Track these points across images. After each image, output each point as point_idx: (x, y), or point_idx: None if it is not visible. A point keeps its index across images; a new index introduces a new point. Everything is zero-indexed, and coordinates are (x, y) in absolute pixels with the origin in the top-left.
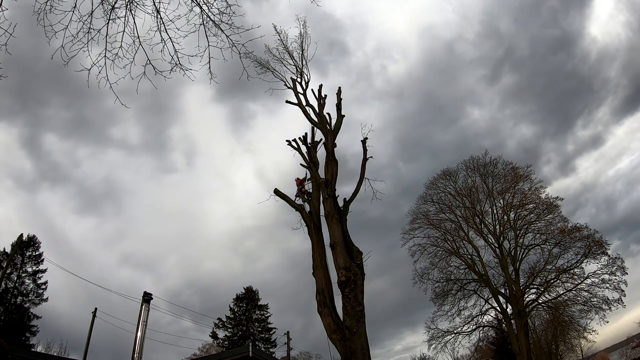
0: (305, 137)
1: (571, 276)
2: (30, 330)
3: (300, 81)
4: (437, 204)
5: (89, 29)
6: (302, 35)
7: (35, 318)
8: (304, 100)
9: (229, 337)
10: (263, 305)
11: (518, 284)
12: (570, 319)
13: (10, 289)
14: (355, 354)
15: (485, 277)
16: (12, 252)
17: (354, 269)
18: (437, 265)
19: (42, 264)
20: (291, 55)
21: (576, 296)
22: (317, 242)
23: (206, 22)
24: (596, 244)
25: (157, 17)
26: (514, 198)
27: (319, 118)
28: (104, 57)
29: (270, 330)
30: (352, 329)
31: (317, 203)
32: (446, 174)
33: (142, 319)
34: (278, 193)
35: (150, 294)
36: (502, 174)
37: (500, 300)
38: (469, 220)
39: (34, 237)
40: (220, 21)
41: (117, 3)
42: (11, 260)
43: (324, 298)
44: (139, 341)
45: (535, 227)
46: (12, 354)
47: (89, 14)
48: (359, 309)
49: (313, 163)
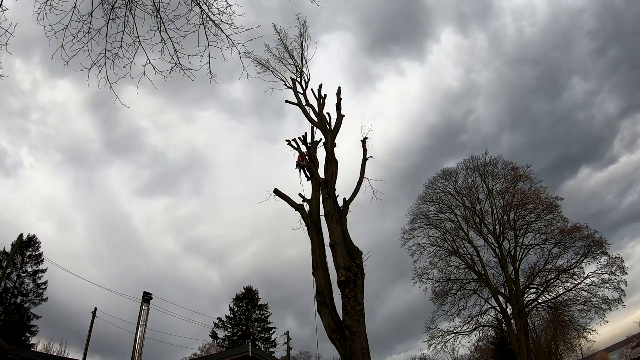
0: (305, 137)
1: (571, 276)
2: (30, 330)
3: (300, 81)
4: (437, 204)
5: (89, 29)
6: (302, 35)
7: (35, 318)
8: (304, 100)
9: (229, 337)
10: (263, 305)
11: (518, 284)
12: (570, 319)
13: (10, 289)
14: (355, 354)
15: (485, 277)
16: (12, 252)
17: (354, 269)
18: (437, 265)
19: (42, 264)
20: (291, 55)
21: (576, 296)
22: (317, 242)
23: (206, 22)
24: (596, 244)
25: (157, 17)
26: (514, 198)
27: (319, 118)
28: (104, 57)
29: (270, 330)
30: (352, 329)
31: (317, 203)
32: (446, 174)
33: (142, 319)
34: (278, 193)
35: (150, 294)
36: (502, 174)
37: (500, 300)
38: (469, 220)
39: (34, 237)
40: (220, 21)
41: (117, 3)
42: (11, 260)
43: (324, 298)
44: (139, 341)
45: (536, 227)
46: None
47: (89, 14)
48: (359, 309)
49: (313, 163)
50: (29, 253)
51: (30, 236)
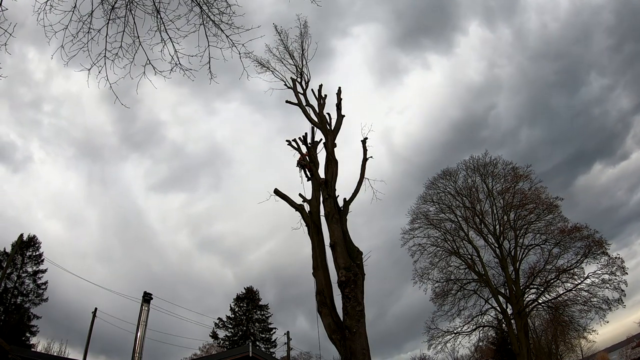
0: (305, 137)
1: (571, 276)
2: (30, 330)
3: (300, 81)
4: (437, 203)
5: (89, 29)
6: (302, 35)
7: (36, 318)
8: (304, 100)
9: (229, 337)
10: (263, 306)
11: (518, 284)
12: (570, 319)
13: (10, 289)
14: (355, 354)
15: (485, 277)
16: (12, 252)
17: (354, 269)
18: (437, 265)
19: (42, 264)
20: (291, 55)
21: (576, 296)
22: (317, 242)
23: (206, 22)
24: (596, 244)
25: (157, 17)
26: (514, 198)
27: (319, 118)
28: (104, 57)
29: (271, 330)
30: (352, 329)
31: (317, 203)
32: (446, 173)
33: (142, 319)
34: (278, 193)
35: (150, 294)
36: (502, 174)
37: (500, 300)
38: (469, 220)
39: (34, 237)
40: (220, 21)
41: (117, 3)
42: (11, 260)
43: (323, 298)
44: (139, 341)
45: (535, 227)
46: (12, 354)
47: (89, 14)
48: (359, 309)
49: (313, 163)
50: (29, 253)
51: (30, 236)
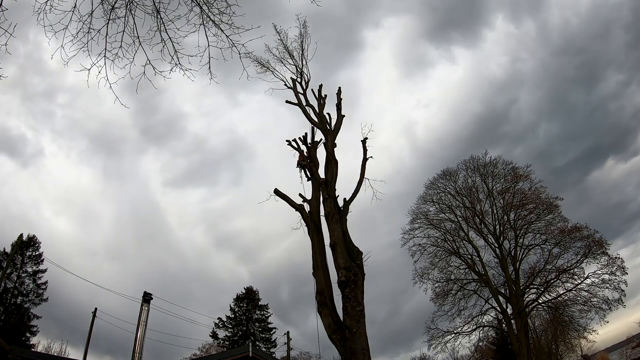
0: (305, 137)
1: (571, 276)
2: (30, 330)
3: (300, 81)
4: (437, 204)
5: (89, 29)
6: (302, 35)
7: (36, 318)
8: (304, 100)
9: (229, 337)
10: (263, 306)
11: (518, 284)
12: (570, 319)
13: (10, 289)
14: (355, 354)
15: (485, 277)
16: (12, 252)
17: (354, 269)
18: (437, 265)
19: (42, 264)
20: (291, 55)
21: (576, 296)
22: (317, 242)
23: (206, 22)
24: (596, 244)
25: (157, 17)
26: (514, 198)
27: (319, 118)
28: (104, 57)
29: (271, 330)
30: (352, 329)
31: (317, 203)
32: (446, 174)
33: (142, 319)
34: (278, 193)
35: (150, 294)
36: (502, 173)
37: (500, 300)
38: (469, 220)
39: (34, 237)
40: (220, 21)
41: (117, 3)
42: (11, 260)
43: (323, 298)
44: (139, 341)
45: (535, 227)
46: (12, 354)
47: (89, 14)
48: (359, 309)
49: (313, 163)
50: (29, 253)
51: (30, 236)
